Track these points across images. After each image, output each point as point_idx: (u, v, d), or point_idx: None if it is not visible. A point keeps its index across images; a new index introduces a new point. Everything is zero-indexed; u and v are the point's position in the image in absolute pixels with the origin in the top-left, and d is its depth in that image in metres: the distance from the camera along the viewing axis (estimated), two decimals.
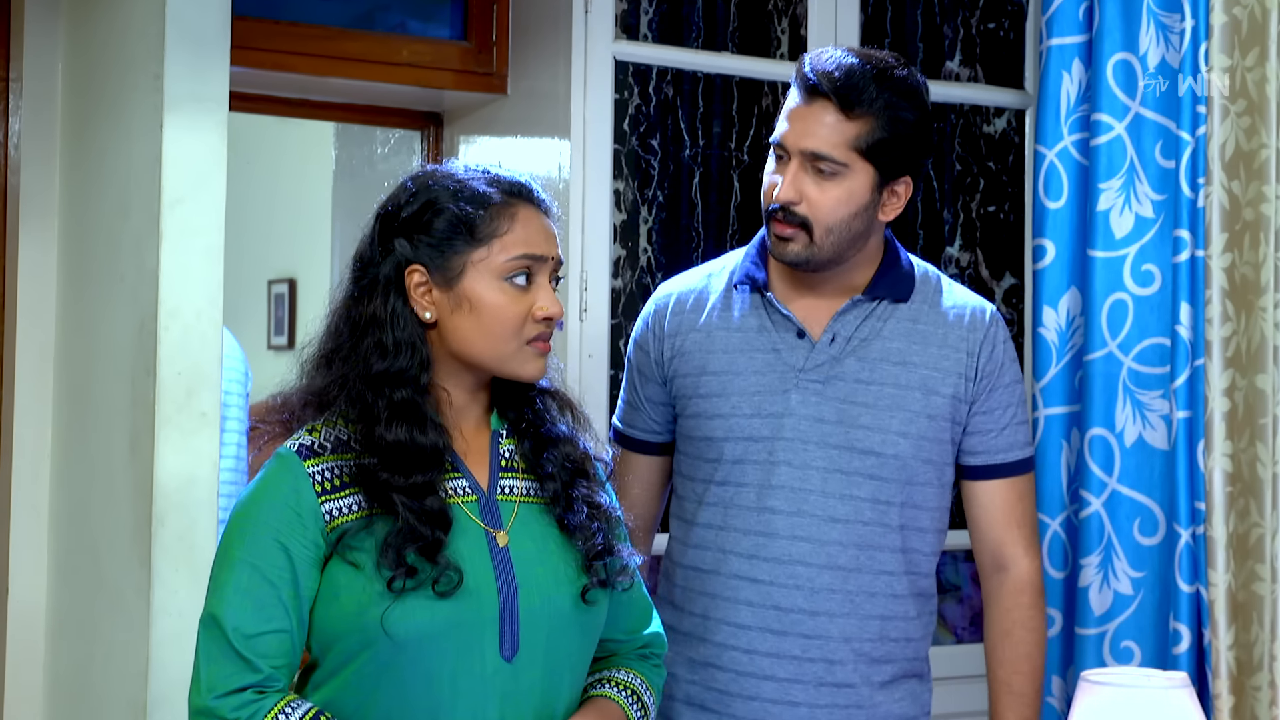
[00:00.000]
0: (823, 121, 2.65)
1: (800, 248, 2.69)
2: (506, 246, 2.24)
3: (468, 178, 2.27)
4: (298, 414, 2.28)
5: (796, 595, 2.72)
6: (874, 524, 2.73)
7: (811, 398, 2.73)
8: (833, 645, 2.72)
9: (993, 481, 2.81)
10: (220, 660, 2.13)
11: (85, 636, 3.49)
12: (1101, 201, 3.72)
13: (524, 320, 2.25)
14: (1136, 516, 3.66)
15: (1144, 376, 3.67)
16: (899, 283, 2.78)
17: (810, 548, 2.72)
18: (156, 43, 3.20)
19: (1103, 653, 3.63)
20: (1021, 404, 2.83)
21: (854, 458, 2.72)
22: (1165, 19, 3.72)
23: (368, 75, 3.84)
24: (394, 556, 2.14)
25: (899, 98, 2.67)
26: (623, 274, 3.81)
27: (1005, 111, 4.26)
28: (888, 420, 2.72)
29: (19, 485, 3.67)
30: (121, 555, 3.28)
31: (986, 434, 2.79)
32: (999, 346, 2.80)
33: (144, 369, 3.21)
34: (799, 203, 2.67)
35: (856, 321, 2.75)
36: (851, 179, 2.66)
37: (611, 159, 3.75)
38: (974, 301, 2.84)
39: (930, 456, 2.75)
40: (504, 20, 3.94)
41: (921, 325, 2.77)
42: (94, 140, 3.52)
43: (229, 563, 2.16)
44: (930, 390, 2.74)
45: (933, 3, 4.18)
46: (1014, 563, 2.81)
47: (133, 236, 3.29)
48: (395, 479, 2.17)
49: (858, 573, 2.73)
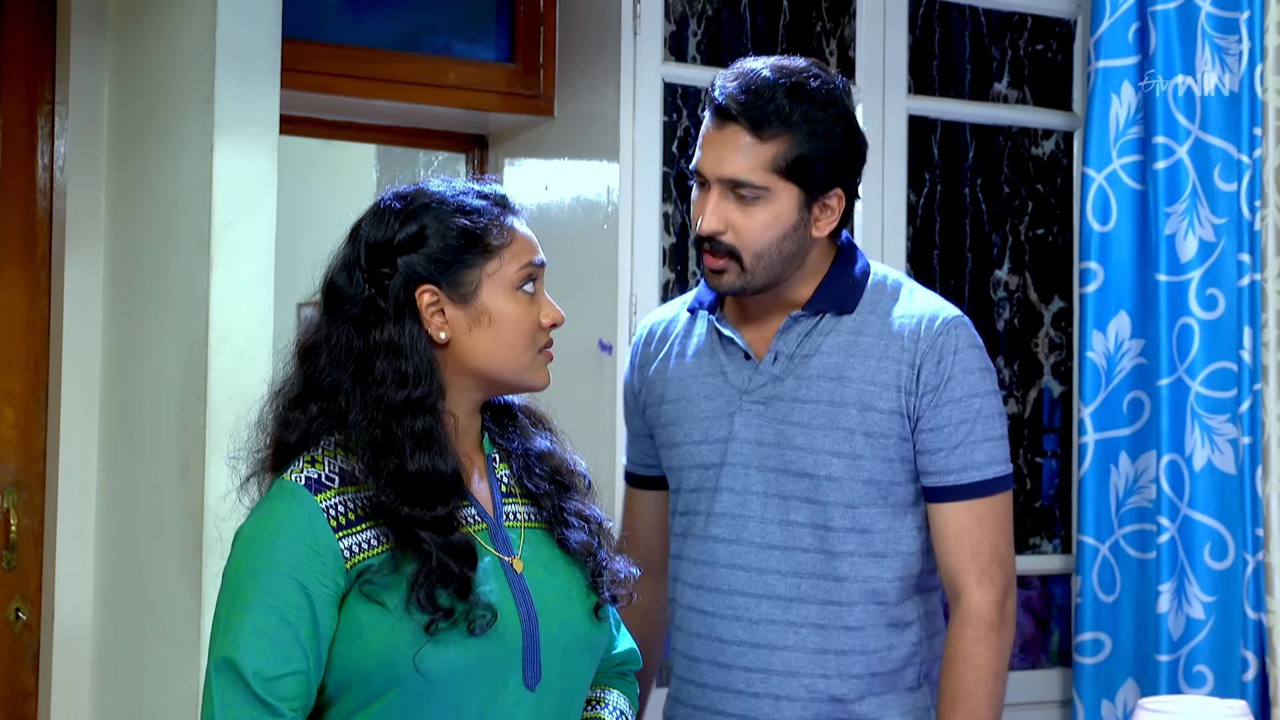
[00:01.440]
0: (736, 146, 2.51)
1: (733, 277, 2.55)
2: (516, 255, 2.21)
3: (458, 193, 2.22)
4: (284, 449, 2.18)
5: (736, 627, 2.59)
6: (814, 550, 2.56)
7: (754, 420, 2.60)
8: (778, 680, 2.57)
9: (945, 505, 2.57)
10: (240, 706, 2.04)
11: (132, 665, 3.46)
12: (1166, 226, 3.69)
13: (536, 329, 2.23)
14: (1207, 541, 3.63)
15: (1211, 401, 3.65)
16: (843, 295, 2.61)
17: (747, 576, 2.59)
18: (207, 66, 3.18)
19: (1177, 678, 3.60)
20: (985, 419, 2.57)
21: (789, 481, 2.57)
22: (1221, 41, 3.69)
23: (414, 97, 3.82)
24: (426, 599, 2.08)
25: (816, 109, 2.51)
26: (671, 297, 3.78)
27: (1054, 133, 4.22)
28: (821, 440, 2.55)
29: (65, 511, 3.65)
30: (171, 582, 3.26)
31: (935, 453, 2.56)
32: (948, 358, 2.55)
33: (194, 394, 3.18)
34: (724, 231, 2.53)
35: (799, 338, 2.60)
36: (775, 201, 2.52)
37: (660, 181, 3.72)
38: (929, 309, 2.60)
39: (872, 476, 2.55)
40: (551, 42, 3.92)
41: (864, 338, 2.58)
42: (142, 163, 3.51)
43: (243, 603, 2.07)
44: (866, 406, 2.54)
45: (981, 24, 4.15)
46: (964, 593, 2.56)
47: (182, 260, 3.27)
48: (418, 513, 2.11)
49: (799, 603, 2.56)
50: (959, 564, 2.56)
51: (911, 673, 2.60)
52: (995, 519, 2.58)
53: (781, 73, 2.53)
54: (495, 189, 2.27)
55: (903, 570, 2.59)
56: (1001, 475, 2.59)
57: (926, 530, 2.61)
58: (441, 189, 2.23)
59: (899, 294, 2.64)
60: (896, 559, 2.58)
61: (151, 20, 3.47)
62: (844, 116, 2.55)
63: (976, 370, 2.58)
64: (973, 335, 2.60)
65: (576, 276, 3.72)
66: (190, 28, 3.27)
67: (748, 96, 2.51)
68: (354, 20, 3.82)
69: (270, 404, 2.23)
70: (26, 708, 3.69)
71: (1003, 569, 2.57)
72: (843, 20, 3.98)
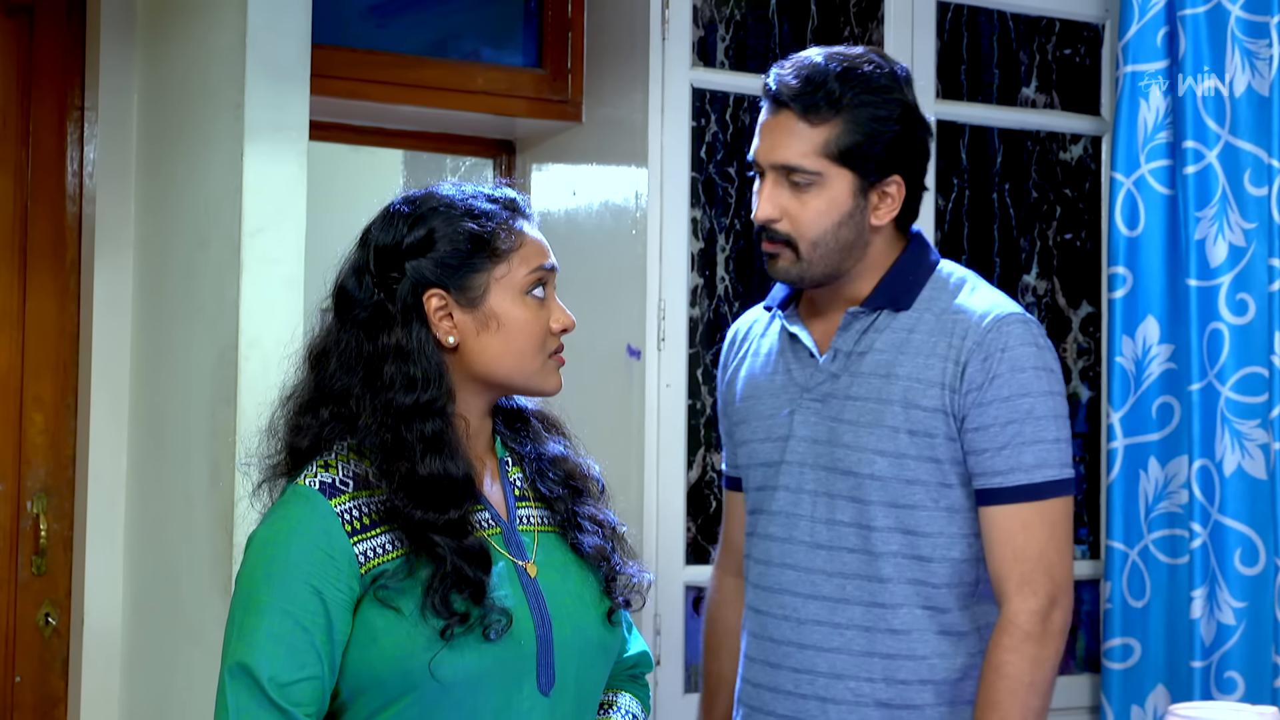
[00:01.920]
0: (788, 131, 2.50)
1: (789, 264, 2.53)
2: (525, 259, 2.19)
3: (467, 196, 2.20)
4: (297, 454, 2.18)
5: (785, 626, 2.57)
6: (858, 550, 2.52)
7: (811, 418, 2.57)
8: (824, 682, 2.53)
9: (992, 508, 2.49)
10: (255, 711, 2.03)
11: (162, 670, 3.47)
12: (1197, 231, 3.68)
13: (546, 334, 2.20)
14: (1238, 547, 3.62)
15: (1242, 406, 3.64)
16: (902, 291, 2.56)
17: (796, 576, 2.56)
18: (237, 72, 3.19)
19: (1209, 684, 3.58)
20: (1036, 420, 2.47)
21: (836, 479, 2.53)
22: (1251, 45, 3.69)
23: (442, 103, 3.82)
24: (441, 603, 2.07)
25: (869, 94, 2.49)
26: (700, 303, 3.78)
27: (1082, 138, 4.22)
28: (866, 437, 2.50)
29: (94, 517, 3.65)
30: (201, 587, 3.26)
31: (981, 454, 2.48)
32: (996, 355, 2.47)
33: (224, 399, 3.19)
34: (779, 219, 2.51)
35: (857, 335, 2.56)
36: (829, 187, 2.50)
37: (689, 187, 3.72)
38: (984, 306, 2.53)
39: (918, 476, 2.49)
40: (579, 48, 3.92)
41: (916, 334, 2.52)
42: (171, 169, 3.51)
43: (257, 608, 2.05)
44: (911, 404, 2.49)
45: (1009, 29, 4.15)
46: (1005, 600, 2.47)
47: (212, 266, 3.27)
48: (431, 516, 2.10)
49: (845, 604, 2.52)
50: (1002, 569, 2.48)
51: (971, 686, 2.52)
52: (1044, 524, 2.48)
53: (835, 58, 2.52)
54: (505, 193, 2.25)
55: (952, 576, 2.52)
56: (1054, 480, 2.49)
57: (967, 535, 2.55)
58: (451, 193, 2.21)
59: (959, 290, 2.57)
60: (945, 564, 2.52)
61: (181, 27, 3.48)
62: (900, 103, 2.52)
63: (1029, 369, 2.48)
64: (1030, 333, 2.51)
65: (604, 282, 3.73)
66: (220, 35, 3.28)
67: (799, 82, 2.50)
68: (382, 26, 3.83)
69: (281, 409, 2.22)
70: (56, 713, 3.70)
71: (1049, 577, 2.47)
72: (870, 25, 3.97)
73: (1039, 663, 2.46)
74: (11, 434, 3.67)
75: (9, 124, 3.69)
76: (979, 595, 2.55)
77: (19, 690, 3.67)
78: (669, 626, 3.65)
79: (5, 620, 3.66)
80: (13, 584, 3.67)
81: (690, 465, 3.74)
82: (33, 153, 3.70)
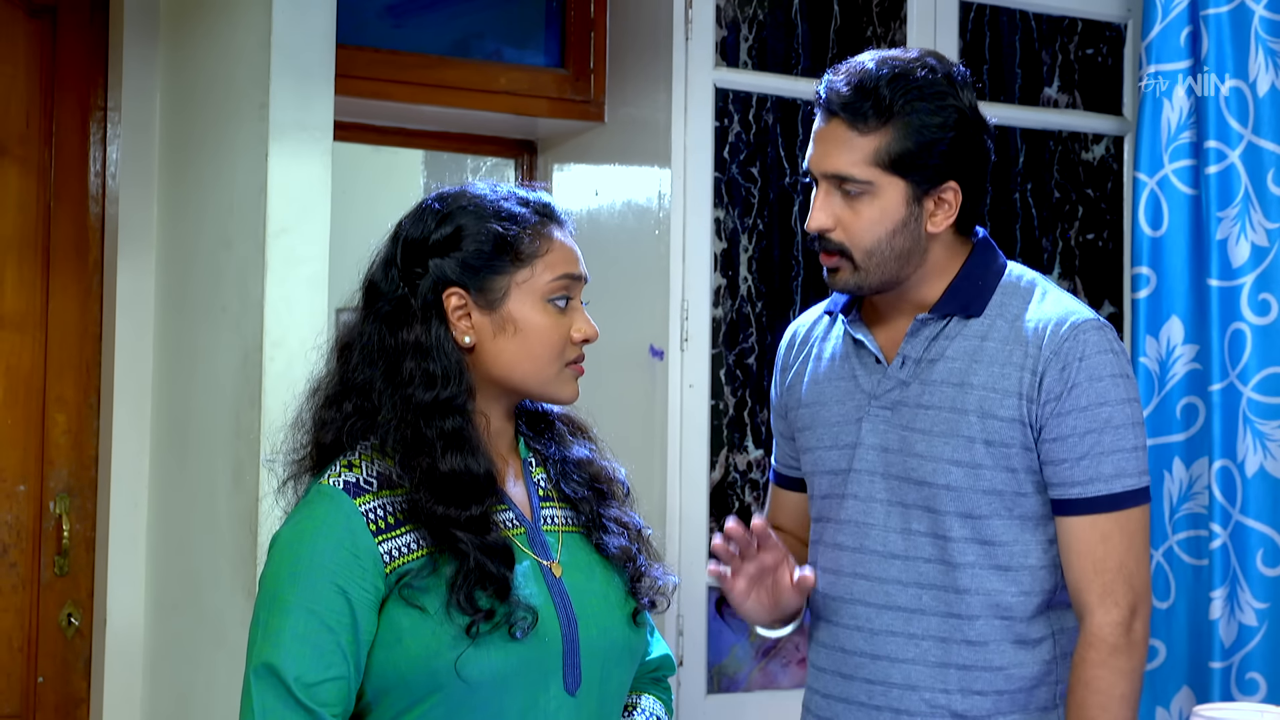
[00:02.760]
0: (838, 141, 2.45)
1: (847, 275, 2.48)
2: (550, 266, 2.18)
3: (499, 198, 2.20)
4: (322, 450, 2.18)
5: (857, 637, 2.53)
6: (936, 561, 2.48)
7: (880, 425, 2.52)
8: (898, 693, 2.49)
9: (1069, 519, 2.45)
10: (281, 711, 2.03)
11: (185, 670, 3.47)
12: (1219, 231, 3.67)
13: (565, 342, 2.19)
14: (1260, 547, 3.61)
15: (1264, 406, 3.63)
16: (972, 297, 2.51)
17: (869, 586, 2.52)
18: (262, 72, 3.19)
19: (1230, 685, 3.57)
20: (1114, 429, 2.42)
21: (910, 489, 2.49)
22: (1274, 45, 3.68)
23: (464, 103, 3.82)
24: (466, 600, 2.07)
25: (922, 101, 2.43)
26: (723, 303, 3.78)
27: (1104, 138, 4.21)
28: (941, 447, 2.46)
29: (117, 517, 3.65)
30: (224, 588, 3.26)
31: (1059, 464, 2.44)
32: (1074, 364, 2.43)
33: (248, 400, 3.18)
34: (833, 229, 2.46)
35: (926, 342, 2.51)
36: (882, 196, 2.44)
37: (712, 187, 3.71)
38: (1059, 313, 2.48)
39: (994, 487, 2.45)
40: (601, 48, 3.91)
41: (990, 342, 2.48)
42: (195, 169, 3.51)
43: (283, 607, 2.05)
44: (987, 414, 2.44)
45: (1031, 28, 4.14)
46: (1087, 613, 2.44)
47: (236, 266, 3.27)
48: (453, 513, 2.10)
49: (920, 614, 2.49)
50: (1082, 582, 2.44)
51: (1044, 693, 2.50)
52: (1123, 535, 2.44)
53: (886, 64, 2.46)
54: (540, 196, 2.24)
55: (1031, 585, 2.48)
56: (1133, 489, 2.45)
57: (1045, 544, 2.51)
58: (483, 192, 2.21)
59: (1031, 295, 2.52)
60: (1024, 573, 2.48)
61: (204, 28, 3.48)
62: (956, 108, 2.46)
63: (1107, 377, 2.44)
64: (1106, 340, 2.47)
65: (627, 282, 3.72)
66: (244, 35, 3.28)
67: (849, 91, 2.45)
68: (404, 26, 3.82)
69: (308, 402, 2.22)
70: (79, 713, 3.70)
71: (1129, 587, 2.43)
72: (893, 25, 3.97)
73: (1128, 675, 2.43)
74: (34, 434, 3.68)
75: (32, 125, 3.69)
76: (1052, 601, 2.51)
77: (42, 690, 3.67)
78: (691, 627, 3.64)
79: (28, 620, 3.67)
80: (35, 584, 3.67)
81: (713, 466, 3.73)
82: (56, 153, 3.70)
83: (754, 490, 3.80)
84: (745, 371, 3.79)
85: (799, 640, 3.82)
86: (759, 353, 3.81)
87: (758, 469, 3.80)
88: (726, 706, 3.76)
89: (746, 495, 3.78)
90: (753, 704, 3.80)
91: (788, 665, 3.86)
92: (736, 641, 3.80)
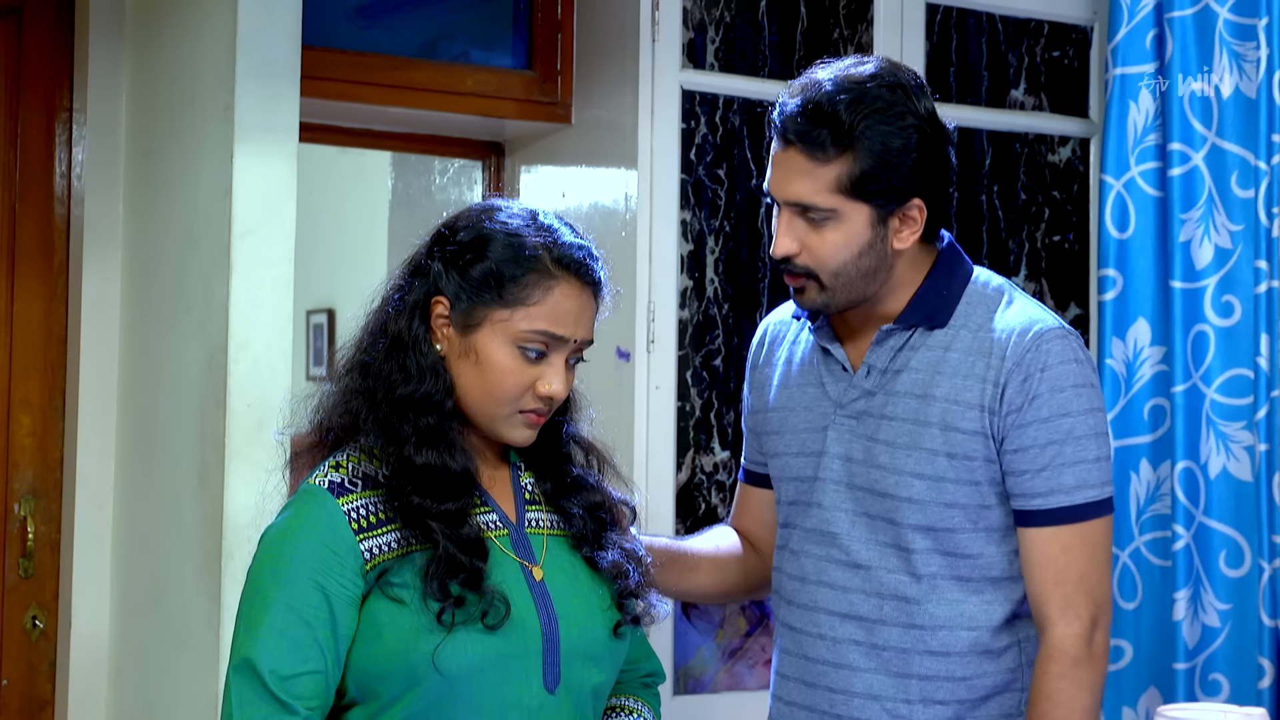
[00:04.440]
0: (797, 170, 2.41)
1: (815, 295, 2.47)
2: (530, 317, 2.18)
3: (525, 231, 2.19)
4: (333, 436, 2.24)
5: (820, 645, 2.54)
6: (899, 572, 2.47)
7: (845, 435, 2.52)
8: (859, 703, 2.50)
9: (1031, 530, 2.43)
10: (256, 703, 2.07)
11: (150, 672, 3.46)
12: (1182, 233, 3.69)
13: (524, 391, 2.19)
14: (1223, 549, 3.63)
15: (1227, 408, 3.64)
16: (937, 308, 2.49)
17: (832, 594, 2.52)
18: (227, 73, 3.18)
19: (1193, 686, 3.59)
20: (1076, 440, 2.41)
21: (874, 500, 2.48)
22: (1239, 47, 3.69)
23: (431, 105, 3.81)
24: (438, 587, 2.11)
25: (882, 125, 2.39)
26: (689, 305, 3.78)
27: (1070, 140, 4.22)
28: (904, 460, 2.45)
29: (82, 520, 3.65)
30: (189, 590, 3.25)
31: (1021, 475, 2.42)
32: (1036, 375, 2.41)
33: (214, 402, 3.18)
34: (798, 253, 2.44)
35: (891, 352, 2.50)
36: (847, 221, 2.41)
37: (678, 189, 3.72)
38: (1023, 322, 2.46)
39: (957, 500, 2.44)
40: (568, 50, 3.91)
41: (953, 353, 2.46)
42: (160, 170, 3.51)
43: (263, 603, 2.11)
44: (950, 426, 2.43)
45: (997, 30, 4.15)
46: (1048, 624, 2.43)
47: (201, 268, 3.26)
48: (429, 504, 2.14)
49: (882, 625, 2.48)
50: (1043, 593, 2.43)
51: (1009, 700, 2.51)
52: (1085, 546, 2.43)
53: (843, 85, 2.41)
54: (574, 243, 2.22)
55: (995, 596, 2.49)
56: (1095, 500, 2.43)
57: (1010, 555, 2.51)
58: (514, 216, 2.22)
59: (997, 304, 2.51)
60: (988, 584, 2.48)
61: (170, 29, 3.47)
62: (917, 126, 2.43)
63: (1069, 388, 2.42)
64: (1070, 349, 2.45)
65: None
66: (210, 36, 3.27)
67: (805, 118, 2.39)
68: (371, 28, 3.82)
69: (330, 372, 2.33)
70: (43, 716, 3.69)
71: (1091, 599, 2.42)
72: (860, 27, 3.98)
73: (1089, 687, 2.42)
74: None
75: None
76: (1020, 612, 2.51)
77: (6, 693, 3.66)
78: (658, 629, 3.64)
79: None
80: (0, 587, 3.66)
81: (680, 467, 3.73)
82: (21, 154, 3.69)
83: (720, 492, 3.80)
84: (712, 373, 3.79)
85: (765, 641, 3.83)
86: (726, 354, 3.81)
87: (724, 470, 3.80)
88: (693, 708, 3.77)
89: (713, 497, 3.79)
90: (719, 705, 3.81)
91: (754, 666, 3.86)
92: (703, 643, 3.80)
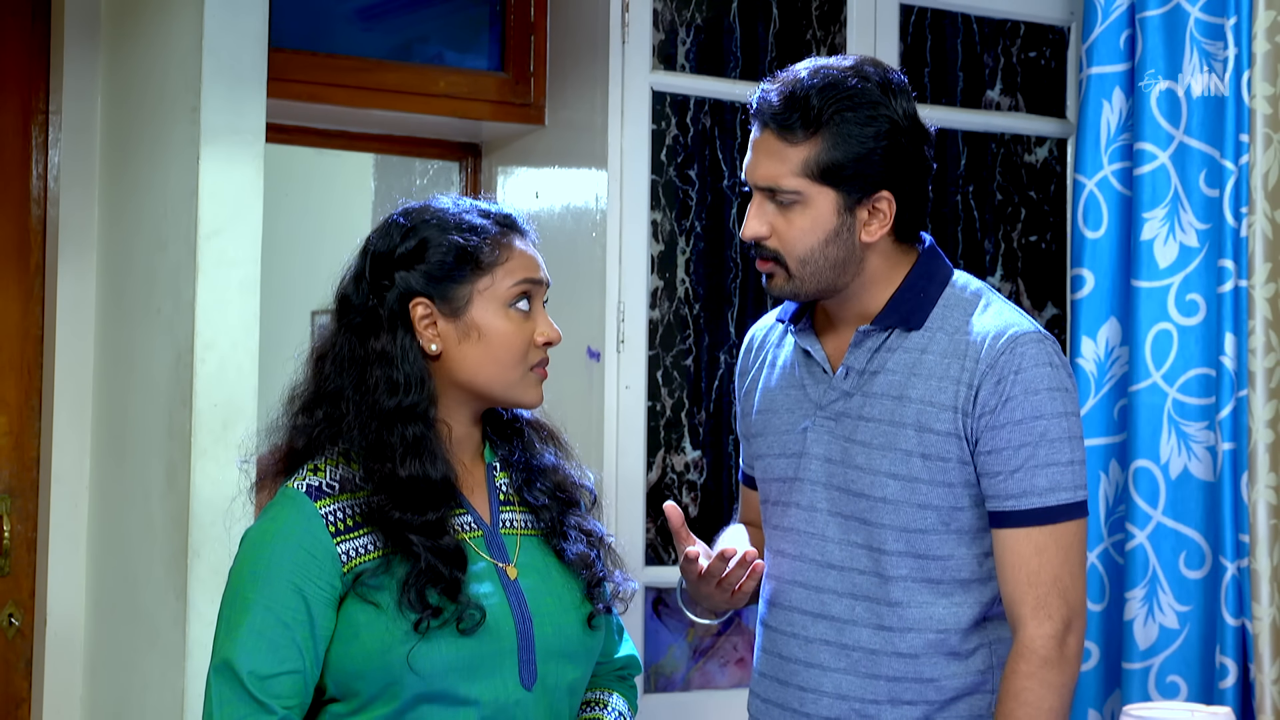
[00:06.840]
0: (768, 152, 2.47)
1: (782, 282, 2.50)
2: (510, 272, 2.28)
3: (460, 211, 2.30)
4: (294, 454, 2.28)
5: (793, 644, 2.56)
6: (870, 573, 2.49)
7: (824, 436, 2.54)
8: (828, 702, 2.51)
9: (1005, 531, 2.45)
10: (234, 703, 2.14)
11: (123, 669, 3.48)
12: (1145, 231, 3.69)
13: (528, 346, 2.29)
14: (1182, 550, 3.62)
15: (1188, 407, 3.64)
16: (914, 309, 2.51)
17: (805, 594, 2.54)
18: (194, 75, 3.21)
19: (1148, 687, 3.58)
20: (1050, 443, 2.42)
21: (849, 500, 2.50)
22: (1209, 46, 3.70)
23: (405, 107, 3.84)
24: (416, 598, 2.16)
25: (851, 111, 2.43)
26: (660, 305, 3.79)
27: (1046, 140, 4.23)
28: (879, 460, 2.47)
29: (58, 518, 3.67)
30: (158, 587, 3.28)
31: (994, 477, 2.44)
32: (1010, 377, 2.43)
33: (181, 401, 3.21)
34: (767, 237, 2.48)
35: (869, 353, 2.52)
36: (813, 206, 2.45)
37: (649, 189, 3.74)
38: (998, 325, 2.48)
39: (930, 501, 2.46)
40: (541, 51, 3.93)
41: (929, 355, 2.48)
42: (132, 173, 3.53)
43: (243, 605, 2.17)
44: (924, 428, 2.45)
45: (973, 31, 4.16)
46: (1021, 625, 2.43)
47: (170, 268, 3.29)
48: (409, 517, 2.20)
49: (853, 625, 2.50)
50: (1016, 594, 2.44)
51: (979, 701, 2.51)
52: (1058, 548, 2.43)
53: (819, 74, 2.46)
54: (501, 208, 2.34)
55: (965, 599, 2.50)
56: (1068, 503, 2.44)
57: (983, 558, 2.52)
58: (445, 206, 2.32)
59: (974, 307, 2.53)
60: (956, 586, 2.50)
61: (142, 31, 3.50)
62: (888, 118, 2.45)
63: (1043, 390, 2.44)
64: (1045, 352, 2.47)
65: (566, 284, 3.72)
66: (178, 38, 3.30)
67: (779, 102, 2.45)
68: (346, 30, 3.84)
69: (284, 409, 2.32)
70: (19, 713, 3.71)
71: (1064, 601, 2.43)
72: (833, 28, 3.99)
73: (1058, 689, 2.43)
74: None
75: None
76: (990, 614, 2.52)
77: None
78: (629, 627, 3.66)
79: None
80: None
81: (650, 467, 3.75)
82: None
83: (692, 491, 3.82)
84: (682, 373, 3.81)
85: (736, 640, 3.85)
86: (696, 354, 3.83)
87: (695, 470, 3.82)
88: (664, 706, 3.78)
89: (684, 496, 3.80)
90: (690, 703, 3.82)
91: (725, 665, 3.87)
92: (674, 641, 3.82)
